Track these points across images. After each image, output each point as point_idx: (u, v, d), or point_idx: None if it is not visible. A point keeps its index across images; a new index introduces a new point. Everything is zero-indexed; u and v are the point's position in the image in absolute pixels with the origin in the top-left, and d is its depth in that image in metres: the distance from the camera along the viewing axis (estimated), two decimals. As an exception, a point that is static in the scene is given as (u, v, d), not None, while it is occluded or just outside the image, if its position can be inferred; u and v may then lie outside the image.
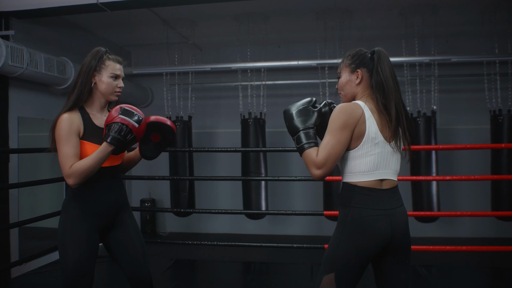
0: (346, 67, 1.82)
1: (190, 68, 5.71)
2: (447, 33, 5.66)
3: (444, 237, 5.93)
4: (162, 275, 3.65)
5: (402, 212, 1.75)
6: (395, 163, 1.76)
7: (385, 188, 1.72)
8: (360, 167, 1.70)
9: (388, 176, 1.73)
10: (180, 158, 5.56)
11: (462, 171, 5.76)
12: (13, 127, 4.38)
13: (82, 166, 1.83)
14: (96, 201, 1.95)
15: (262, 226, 6.31)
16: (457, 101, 5.99)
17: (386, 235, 1.67)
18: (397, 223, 1.70)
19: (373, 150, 1.69)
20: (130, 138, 1.84)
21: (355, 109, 1.68)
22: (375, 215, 1.67)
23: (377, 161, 1.70)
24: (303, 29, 5.65)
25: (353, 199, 1.71)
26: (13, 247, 4.33)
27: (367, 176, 1.70)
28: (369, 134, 1.68)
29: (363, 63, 1.78)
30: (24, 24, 4.51)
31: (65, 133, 1.86)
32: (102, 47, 2.02)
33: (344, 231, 1.70)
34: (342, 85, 1.84)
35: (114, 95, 2.01)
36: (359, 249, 1.67)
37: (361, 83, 1.78)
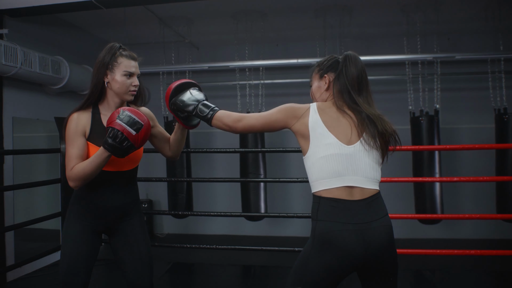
0: (315, 74, 1.79)
1: (187, 67, 5.62)
2: (449, 30, 5.57)
3: (447, 238, 5.84)
4: (160, 279, 3.56)
5: (382, 226, 1.58)
6: (368, 169, 1.60)
7: (357, 198, 1.57)
8: (319, 173, 1.59)
9: (358, 184, 1.57)
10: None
11: (466, 172, 5.67)
12: (8, 128, 4.30)
13: (81, 170, 1.76)
14: (96, 205, 1.89)
15: (261, 227, 6.22)
16: (460, 99, 5.90)
17: (357, 254, 1.52)
18: (373, 239, 1.53)
19: (325, 151, 1.57)
20: (127, 146, 1.73)
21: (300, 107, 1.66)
22: (342, 230, 1.53)
23: (336, 164, 1.57)
24: (302, 27, 5.56)
25: (319, 212, 1.59)
26: (9, 250, 4.25)
27: (329, 183, 1.58)
28: (314, 133, 1.59)
29: (331, 67, 1.72)
30: (18, 22, 4.42)
31: (71, 133, 1.81)
32: (116, 43, 1.91)
33: (313, 247, 1.58)
34: (313, 93, 1.80)
35: (128, 94, 1.89)
36: (327, 267, 1.54)
37: (329, 88, 1.72)
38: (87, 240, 1.88)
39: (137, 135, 1.73)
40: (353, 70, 1.65)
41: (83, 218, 1.89)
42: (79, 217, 1.89)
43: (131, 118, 1.73)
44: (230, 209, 5.79)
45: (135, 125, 1.72)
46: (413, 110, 5.18)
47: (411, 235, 5.78)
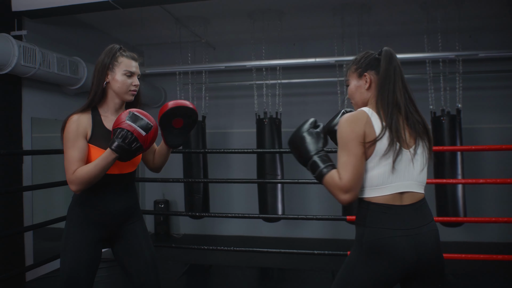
0: (353, 73, 1.68)
1: (203, 67, 5.59)
2: (471, 27, 5.43)
3: (470, 242, 5.70)
4: (178, 281, 3.54)
5: (431, 230, 1.52)
6: (418, 173, 1.55)
7: (407, 203, 1.51)
8: (374, 180, 1.51)
9: (410, 189, 1.52)
10: (194, 159, 5.45)
11: (489, 173, 5.51)
12: (27, 128, 4.33)
13: (85, 173, 1.71)
14: (99, 210, 1.84)
15: (278, 228, 6.17)
16: (483, 98, 5.75)
17: (410, 260, 1.45)
18: (424, 245, 1.47)
19: (387, 159, 1.50)
20: (136, 147, 1.69)
21: (360, 117, 1.52)
22: (395, 236, 1.45)
23: (392, 171, 1.50)
24: (320, 25, 5.49)
25: (368, 218, 1.51)
26: (28, 250, 4.29)
27: (382, 190, 1.50)
28: (382, 141, 1.49)
29: (370, 65, 1.62)
30: (36, 24, 4.45)
31: (72, 135, 1.75)
32: (116, 44, 1.89)
33: (360, 254, 1.51)
34: (351, 93, 1.69)
35: (129, 94, 1.86)
36: (377, 275, 1.46)
37: (371, 87, 1.62)
38: (89, 249, 1.82)
39: (146, 135, 1.69)
40: (392, 67, 1.57)
41: (85, 226, 1.83)
42: (80, 225, 1.83)
43: (141, 118, 1.69)
44: (247, 210, 5.75)
45: (145, 126, 1.69)
46: (434, 109, 5.06)
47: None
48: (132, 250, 1.92)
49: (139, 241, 1.94)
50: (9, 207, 4.02)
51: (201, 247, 3.80)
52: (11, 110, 4.13)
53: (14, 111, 4.17)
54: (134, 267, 1.91)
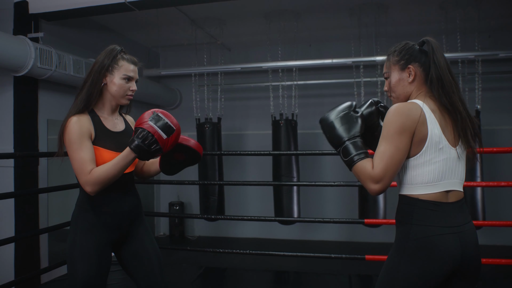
0: (394, 65, 1.59)
1: (219, 68, 5.58)
2: (490, 27, 5.32)
3: (488, 245, 5.57)
4: (192, 283, 3.50)
5: (472, 228, 1.51)
6: (461, 171, 1.52)
7: (452, 201, 1.48)
8: (423, 177, 1.46)
9: (455, 187, 1.48)
10: (210, 161, 5.43)
11: (508, 176, 5.40)
12: (43, 130, 4.36)
13: (103, 173, 1.67)
14: (107, 213, 1.80)
15: (294, 231, 6.11)
16: (502, 99, 5.63)
17: (456, 257, 1.43)
18: (468, 242, 1.46)
19: (438, 156, 1.45)
20: (155, 149, 1.65)
21: (413, 109, 1.44)
22: (442, 234, 1.42)
23: (442, 169, 1.45)
24: (336, 26, 5.43)
25: (415, 215, 1.46)
26: (43, 252, 4.30)
27: (431, 187, 1.46)
28: (432, 137, 1.44)
29: (414, 57, 1.55)
30: (53, 26, 4.48)
31: (77, 137, 1.70)
32: (117, 46, 1.85)
33: (405, 253, 1.45)
34: (393, 86, 1.60)
35: (125, 98, 1.84)
36: (424, 274, 1.42)
37: (415, 81, 1.55)
38: (100, 254, 1.77)
39: (167, 139, 1.64)
40: (441, 59, 1.50)
41: (94, 230, 1.78)
42: (89, 230, 1.77)
43: (164, 121, 1.64)
44: (262, 212, 5.69)
45: (167, 129, 1.64)
46: (453, 111, 4.95)
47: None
48: (138, 254, 1.88)
49: (145, 244, 1.90)
50: (25, 209, 4.03)
51: (217, 250, 3.76)
52: (28, 112, 4.15)
53: (31, 113, 4.19)
54: (141, 271, 1.87)
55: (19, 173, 4.01)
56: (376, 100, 1.69)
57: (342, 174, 5.12)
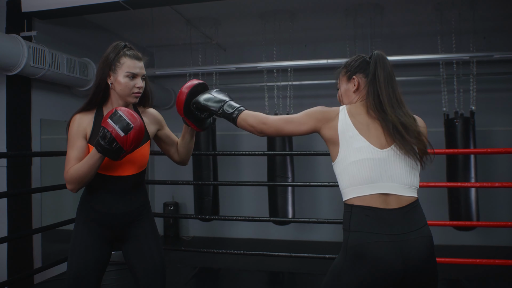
0: (342, 76, 1.68)
1: (214, 68, 5.56)
2: (485, 29, 5.34)
3: (482, 245, 5.60)
4: (187, 284, 3.49)
5: (421, 236, 1.44)
6: (405, 175, 1.47)
7: (393, 207, 1.44)
8: (350, 179, 1.47)
9: (393, 191, 1.45)
10: (204, 161, 5.41)
11: (503, 177, 5.42)
12: (36, 130, 4.33)
13: (75, 171, 1.69)
14: (100, 212, 1.80)
15: (288, 231, 6.11)
16: (497, 101, 5.66)
17: (395, 267, 1.38)
18: (412, 251, 1.39)
19: (357, 155, 1.46)
20: (116, 147, 1.62)
21: (330, 111, 1.57)
22: (377, 241, 1.39)
23: (369, 170, 1.45)
24: (332, 26, 5.43)
25: (352, 221, 1.46)
26: (36, 252, 4.28)
27: (362, 189, 1.45)
28: (344, 137, 1.49)
29: (359, 68, 1.62)
30: (46, 25, 4.45)
31: (72, 135, 1.74)
32: (121, 42, 1.82)
33: (345, 259, 1.45)
34: (340, 96, 1.70)
35: (132, 96, 1.78)
36: (363, 282, 1.40)
37: (358, 90, 1.62)
38: (95, 249, 1.79)
39: (125, 137, 1.61)
40: (381, 71, 1.54)
41: (89, 226, 1.81)
42: (84, 224, 1.81)
43: (121, 118, 1.62)
44: (257, 213, 5.69)
45: (124, 127, 1.61)
46: (447, 112, 4.98)
47: (445, 241, 5.56)
48: (140, 252, 1.87)
49: (148, 243, 1.89)
50: (18, 209, 4.01)
51: (211, 250, 3.75)
52: (21, 111, 4.12)
53: (24, 113, 4.16)
54: (141, 269, 1.86)
55: (12, 173, 3.98)
56: None
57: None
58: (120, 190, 1.82)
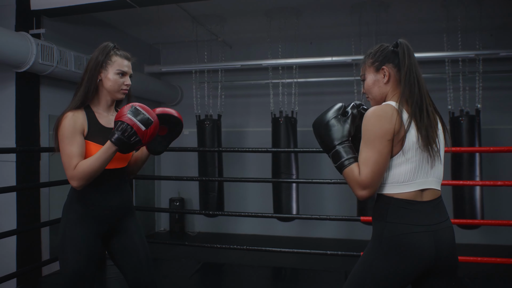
0: (369, 67, 1.61)
1: (219, 65, 5.60)
2: (492, 26, 5.31)
3: (487, 244, 5.59)
4: (190, 279, 3.54)
5: (448, 227, 1.51)
6: (437, 170, 1.53)
7: (427, 199, 1.49)
8: (399, 177, 1.48)
9: (430, 185, 1.50)
10: (209, 157, 5.46)
11: (508, 175, 5.40)
12: (44, 125, 4.41)
13: (87, 167, 1.71)
14: (97, 206, 1.84)
15: (293, 228, 6.14)
16: (503, 99, 5.63)
17: (430, 256, 1.44)
18: (443, 240, 1.46)
19: (415, 155, 1.47)
20: (135, 141, 1.69)
21: (390, 112, 1.46)
22: (416, 232, 1.44)
23: (417, 168, 1.47)
24: (337, 24, 5.44)
25: (390, 213, 1.48)
26: (44, 245, 4.36)
27: (406, 186, 1.48)
28: (409, 138, 1.46)
29: (388, 58, 1.57)
30: (54, 22, 4.52)
31: (69, 132, 1.74)
32: (110, 42, 1.89)
33: (379, 250, 1.48)
34: (369, 88, 1.62)
35: (120, 93, 1.87)
36: (397, 271, 1.44)
37: (390, 81, 1.57)
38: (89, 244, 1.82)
39: (146, 130, 1.69)
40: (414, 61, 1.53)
41: (83, 222, 1.82)
42: (78, 221, 1.82)
43: (141, 113, 1.69)
44: (262, 209, 5.73)
45: (145, 120, 1.69)
46: (452, 110, 4.96)
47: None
48: (126, 248, 1.92)
49: (133, 238, 1.94)
50: (27, 203, 4.09)
51: (214, 245, 3.80)
52: (29, 107, 4.20)
53: (32, 109, 4.24)
54: (129, 264, 1.91)
55: (21, 168, 4.07)
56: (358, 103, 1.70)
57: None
58: (115, 183, 1.89)
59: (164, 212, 6.88)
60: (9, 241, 3.79)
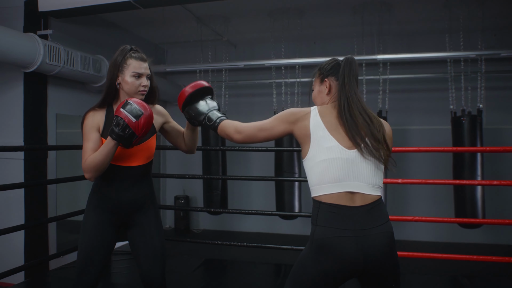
0: (316, 78, 1.76)
1: (223, 65, 5.66)
2: (494, 26, 5.32)
3: (488, 243, 5.60)
4: (191, 274, 3.61)
5: (382, 232, 1.54)
6: (370, 175, 1.56)
7: (358, 204, 1.54)
8: (319, 177, 1.56)
9: (359, 189, 1.54)
10: (213, 156, 5.53)
11: (510, 175, 5.41)
12: (52, 124, 4.51)
13: (92, 160, 1.84)
14: (109, 199, 1.98)
15: (295, 226, 6.19)
16: (505, 98, 5.64)
17: (355, 260, 1.49)
18: (372, 246, 1.50)
19: (326, 154, 1.54)
20: (129, 133, 1.79)
21: (301, 111, 1.65)
22: (340, 236, 1.50)
23: (337, 169, 1.54)
24: (340, 24, 5.48)
25: (319, 217, 1.55)
26: (51, 240, 4.46)
27: (330, 188, 1.54)
28: (315, 136, 1.56)
29: (331, 71, 1.69)
30: (61, 23, 4.60)
31: (87, 129, 1.91)
32: (128, 45, 1.98)
33: (310, 251, 1.56)
34: (314, 97, 1.77)
35: (138, 94, 1.96)
36: (325, 273, 1.52)
37: (330, 92, 1.69)
38: (102, 233, 1.97)
39: (137, 122, 1.78)
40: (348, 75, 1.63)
41: (99, 211, 1.98)
42: (95, 210, 1.98)
43: (133, 106, 1.80)
44: (265, 207, 5.80)
45: (135, 113, 1.79)
46: (454, 109, 4.99)
47: (450, 239, 5.59)
48: (143, 239, 2.02)
49: (151, 229, 2.04)
50: (34, 199, 4.20)
51: (216, 242, 3.87)
52: (37, 106, 4.30)
53: (40, 108, 4.34)
54: (143, 254, 2.01)
55: (29, 165, 4.17)
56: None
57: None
58: (129, 179, 1.99)
59: (169, 209, 6.97)
60: (17, 235, 3.89)
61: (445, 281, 3.36)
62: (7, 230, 2.92)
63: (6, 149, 3.06)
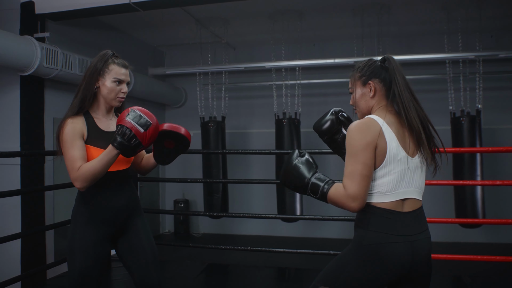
0: (357, 81, 1.66)
1: (223, 67, 5.63)
2: (492, 28, 5.34)
3: (489, 243, 5.60)
4: (195, 280, 3.56)
5: (426, 238, 1.57)
6: (419, 180, 1.57)
7: (407, 210, 1.53)
8: (381, 187, 1.52)
9: (412, 195, 1.54)
10: (214, 159, 5.49)
11: (509, 175, 5.42)
12: (49, 129, 4.43)
13: (89, 169, 1.76)
14: (104, 207, 1.89)
15: (297, 228, 6.16)
16: (503, 99, 5.66)
17: (405, 265, 1.49)
18: (420, 251, 1.52)
19: (397, 167, 1.51)
20: (135, 143, 1.74)
21: (371, 125, 1.51)
22: (395, 242, 1.49)
23: (399, 179, 1.51)
24: (339, 26, 5.47)
25: (371, 222, 1.52)
26: (49, 248, 4.38)
27: (388, 196, 1.52)
28: (391, 150, 1.50)
29: (374, 73, 1.61)
30: (59, 26, 4.55)
31: (69, 137, 1.79)
32: (109, 50, 1.94)
33: (356, 254, 1.53)
34: (356, 101, 1.68)
35: (116, 100, 1.91)
36: (371, 276, 1.50)
37: (375, 95, 1.62)
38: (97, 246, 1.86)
39: (145, 133, 1.73)
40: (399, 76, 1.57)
41: (91, 224, 1.87)
42: (86, 224, 1.87)
43: (140, 116, 1.74)
44: (266, 210, 5.76)
45: (143, 123, 1.73)
46: (453, 110, 5.00)
47: (451, 239, 5.59)
48: (133, 247, 1.96)
49: (140, 237, 1.98)
50: (31, 206, 4.11)
51: (218, 246, 3.82)
52: (34, 111, 4.23)
53: (37, 112, 4.27)
54: (135, 263, 1.95)
55: (26, 171, 4.09)
56: (337, 109, 1.84)
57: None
58: (118, 184, 1.93)
59: (168, 213, 6.91)
60: (14, 244, 3.80)
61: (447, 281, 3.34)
62: (4, 239, 2.80)
63: (2, 155, 2.88)
